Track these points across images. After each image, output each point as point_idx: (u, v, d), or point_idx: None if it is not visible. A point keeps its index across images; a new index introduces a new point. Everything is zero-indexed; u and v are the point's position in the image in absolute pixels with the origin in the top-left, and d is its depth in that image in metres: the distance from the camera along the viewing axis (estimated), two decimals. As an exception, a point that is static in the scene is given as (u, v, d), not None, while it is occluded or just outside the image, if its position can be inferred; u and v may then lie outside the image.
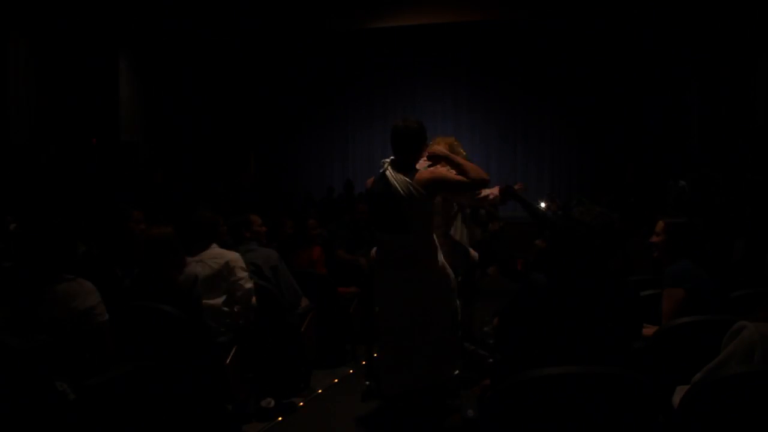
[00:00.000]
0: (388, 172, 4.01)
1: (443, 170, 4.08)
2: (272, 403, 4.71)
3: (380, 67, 19.14)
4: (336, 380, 5.65)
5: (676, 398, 2.72)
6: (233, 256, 4.61)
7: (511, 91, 18.54)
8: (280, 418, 4.69)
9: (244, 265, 4.64)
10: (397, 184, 3.92)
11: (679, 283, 3.60)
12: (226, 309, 4.48)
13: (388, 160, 4.14)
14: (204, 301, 4.31)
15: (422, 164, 4.20)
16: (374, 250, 4.26)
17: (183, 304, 3.79)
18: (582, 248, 3.12)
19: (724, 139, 13.24)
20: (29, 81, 12.66)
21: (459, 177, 3.99)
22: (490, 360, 5.15)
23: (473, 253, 4.94)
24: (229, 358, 4.27)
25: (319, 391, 5.36)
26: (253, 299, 4.61)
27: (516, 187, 5.12)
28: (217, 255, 4.58)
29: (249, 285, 4.59)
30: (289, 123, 19.63)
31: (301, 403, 5.02)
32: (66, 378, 3.08)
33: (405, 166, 4.02)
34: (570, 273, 2.97)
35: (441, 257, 4.07)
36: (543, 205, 6.81)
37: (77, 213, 7.23)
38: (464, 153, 4.59)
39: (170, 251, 3.91)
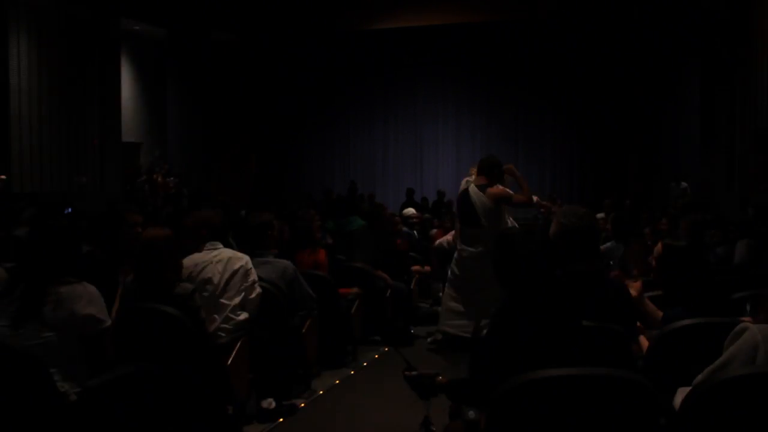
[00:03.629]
0: (470, 188, 6.23)
1: (502, 189, 6.23)
2: (273, 404, 4.71)
3: (381, 69, 19.17)
4: (337, 381, 5.66)
5: (678, 400, 2.71)
6: (247, 258, 4.64)
7: (512, 93, 18.55)
8: (281, 420, 4.68)
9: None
10: (475, 196, 6.17)
11: None
12: (238, 312, 4.50)
13: (470, 179, 6.39)
14: (222, 301, 4.38)
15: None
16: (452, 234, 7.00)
17: (181, 306, 3.79)
18: (571, 249, 3.17)
19: (726, 140, 13.24)
20: (32, 77, 12.69)
21: (513, 195, 6.32)
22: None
23: None
24: (231, 359, 4.26)
25: (320, 392, 5.35)
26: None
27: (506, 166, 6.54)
28: (239, 255, 4.62)
29: (259, 290, 4.63)
30: (290, 123, 19.67)
31: (303, 404, 5.01)
32: (67, 379, 3.09)
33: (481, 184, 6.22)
34: (561, 274, 2.98)
35: None
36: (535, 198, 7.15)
37: (80, 215, 7.25)
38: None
39: (165, 254, 3.89)
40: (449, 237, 7.94)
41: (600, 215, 8.98)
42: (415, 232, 9.46)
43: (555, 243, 3.23)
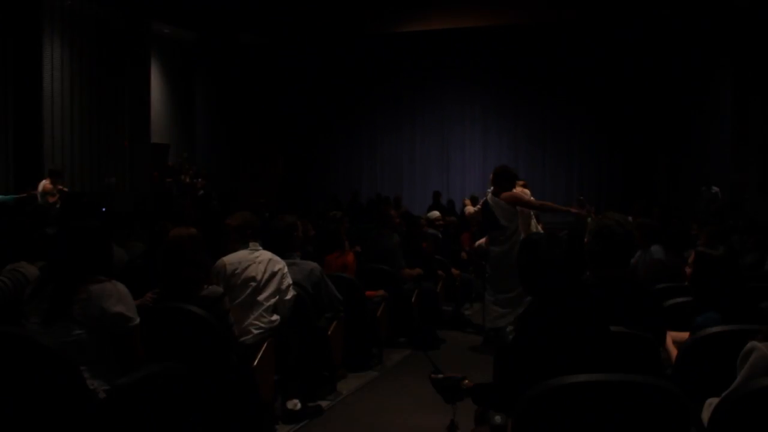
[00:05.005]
0: (489, 197, 7.01)
1: (514, 192, 6.99)
2: (298, 405, 4.72)
3: (409, 71, 19.19)
4: (363, 384, 5.66)
5: (705, 413, 2.67)
6: (284, 262, 4.73)
7: (540, 95, 18.45)
8: (306, 421, 4.70)
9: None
10: (492, 203, 6.91)
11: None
12: (271, 312, 4.56)
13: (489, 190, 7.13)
14: (259, 299, 4.46)
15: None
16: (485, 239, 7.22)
17: (209, 308, 3.82)
18: (606, 254, 3.13)
19: (759, 143, 13.07)
20: (64, 80, 12.84)
21: (524, 197, 7.07)
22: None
23: None
24: (257, 360, 4.29)
25: (346, 394, 5.36)
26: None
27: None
28: (277, 258, 4.70)
29: (294, 293, 4.70)
30: (317, 126, 19.75)
31: (328, 406, 5.03)
32: (97, 376, 3.12)
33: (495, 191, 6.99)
34: (589, 278, 2.94)
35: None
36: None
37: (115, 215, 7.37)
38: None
39: (190, 253, 3.92)
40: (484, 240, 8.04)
41: (629, 218, 8.88)
42: (439, 234, 9.43)
43: (589, 247, 3.20)
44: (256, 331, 4.40)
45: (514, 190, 7.09)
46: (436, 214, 10.12)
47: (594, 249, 3.18)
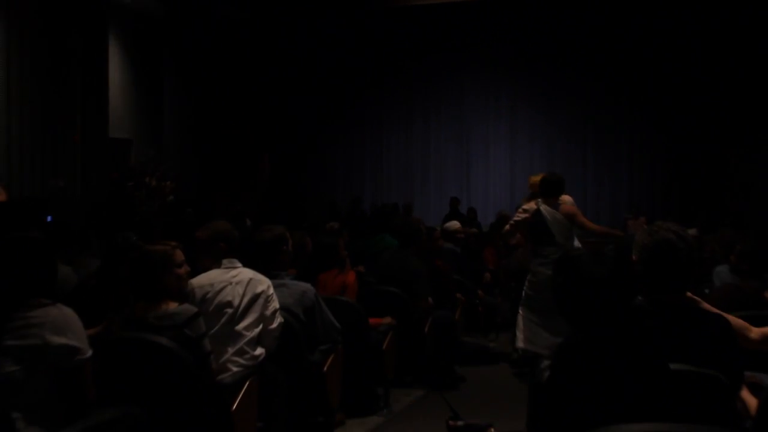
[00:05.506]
0: (542, 206, 7.08)
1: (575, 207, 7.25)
2: (287, 457, 4.69)
3: (421, 54, 19.14)
4: (366, 431, 5.63)
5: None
6: (269, 282, 4.71)
7: (581, 84, 18.37)
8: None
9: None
10: (547, 214, 7.03)
11: None
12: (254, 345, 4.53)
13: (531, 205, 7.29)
14: (238, 330, 4.41)
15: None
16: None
17: (179, 334, 3.81)
18: (659, 274, 3.07)
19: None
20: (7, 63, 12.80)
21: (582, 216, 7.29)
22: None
23: None
24: (236, 402, 4.25)
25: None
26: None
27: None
28: (261, 277, 4.68)
29: (281, 320, 4.69)
30: (311, 119, 19.73)
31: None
32: (35, 423, 3.07)
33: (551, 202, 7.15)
34: (642, 304, 2.92)
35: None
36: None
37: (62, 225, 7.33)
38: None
39: (160, 271, 3.95)
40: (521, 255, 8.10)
41: (692, 231, 8.81)
42: (458, 249, 9.39)
43: (642, 266, 3.12)
44: (235, 369, 4.36)
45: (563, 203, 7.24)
46: (455, 224, 10.05)
47: (649, 268, 3.11)
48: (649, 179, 18.26)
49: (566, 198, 7.34)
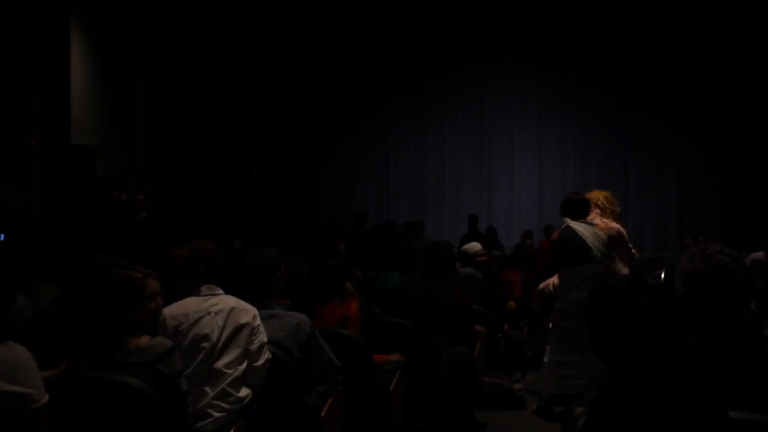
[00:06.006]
0: (573, 224, 7.36)
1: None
2: None
3: (435, 49, 19.16)
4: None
5: None
6: (256, 311, 4.68)
7: (620, 84, 18.40)
8: None
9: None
10: (583, 230, 7.32)
11: None
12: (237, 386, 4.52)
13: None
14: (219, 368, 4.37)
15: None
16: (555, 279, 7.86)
17: (151, 372, 3.81)
18: (709, 306, 3.06)
19: None
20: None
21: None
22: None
23: None
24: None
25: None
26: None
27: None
28: (245, 306, 4.66)
29: (269, 356, 4.65)
30: (308, 124, 19.70)
31: None
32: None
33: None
34: (693, 342, 2.92)
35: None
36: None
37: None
38: (619, 205, 8.25)
39: (133, 300, 3.95)
40: (555, 279, 8.06)
41: (757, 255, 8.77)
42: (479, 274, 9.39)
43: (693, 295, 3.09)
44: (217, 414, 4.34)
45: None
46: (476, 246, 10.03)
47: (701, 299, 3.09)
48: (702, 194, 18.21)
49: (614, 225, 7.62)
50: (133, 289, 4.00)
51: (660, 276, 7.71)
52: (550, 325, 7.46)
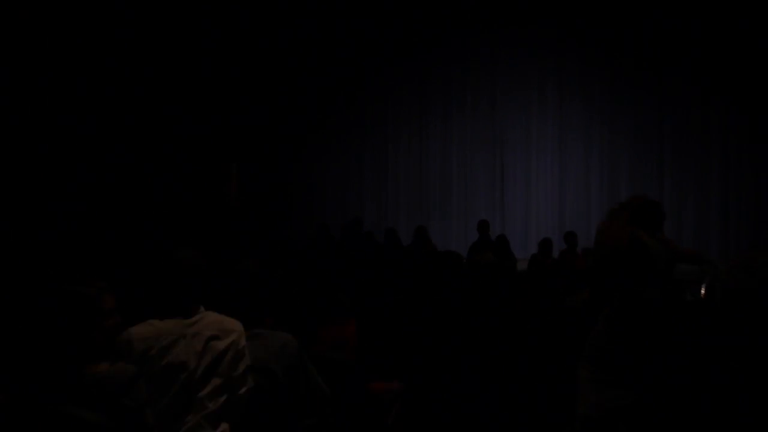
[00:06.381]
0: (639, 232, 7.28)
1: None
2: None
3: (438, 34, 19.20)
4: None
5: None
6: (241, 328, 4.58)
7: (651, 74, 18.43)
8: None
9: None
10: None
11: None
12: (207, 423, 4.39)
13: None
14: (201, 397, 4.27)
15: None
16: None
17: (113, 409, 3.68)
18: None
19: None
20: None
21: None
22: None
23: None
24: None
25: None
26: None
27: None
28: (228, 324, 4.57)
29: (251, 383, 4.52)
30: (294, 119, 19.79)
31: None
32: None
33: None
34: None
35: None
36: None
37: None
38: None
39: (91, 317, 3.82)
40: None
41: None
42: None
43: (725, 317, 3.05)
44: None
45: None
46: (488, 256, 9.99)
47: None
48: (751, 194, 18.17)
49: None
50: (90, 304, 3.86)
51: (700, 291, 7.81)
52: (588, 345, 7.44)
